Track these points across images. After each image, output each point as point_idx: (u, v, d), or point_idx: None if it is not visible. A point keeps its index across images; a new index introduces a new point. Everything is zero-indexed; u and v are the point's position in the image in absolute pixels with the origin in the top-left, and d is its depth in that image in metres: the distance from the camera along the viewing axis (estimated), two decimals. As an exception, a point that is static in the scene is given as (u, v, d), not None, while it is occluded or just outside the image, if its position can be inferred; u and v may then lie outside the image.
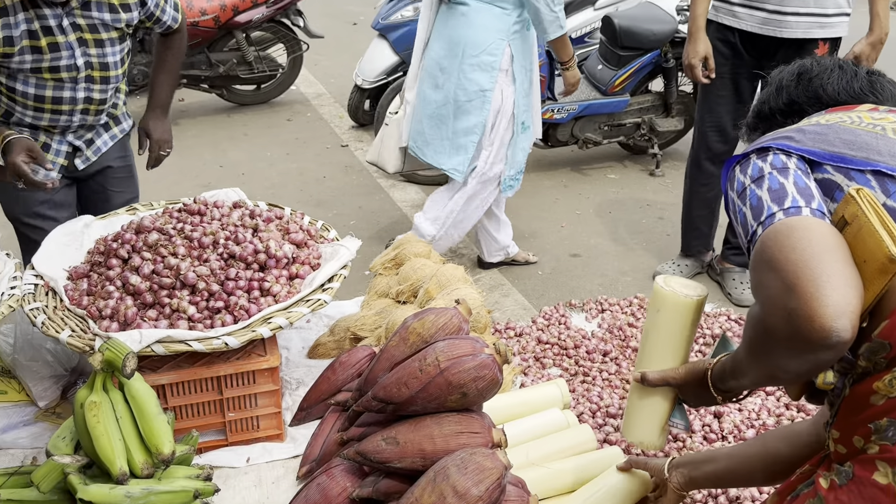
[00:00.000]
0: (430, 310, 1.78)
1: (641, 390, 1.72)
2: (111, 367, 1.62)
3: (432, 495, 1.47)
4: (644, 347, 1.73)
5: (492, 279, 3.92)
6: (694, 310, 1.66)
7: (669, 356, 1.67)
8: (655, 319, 1.70)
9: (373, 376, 1.77)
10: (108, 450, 1.54)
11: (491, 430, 1.63)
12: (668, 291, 1.67)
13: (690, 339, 1.70)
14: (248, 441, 2.02)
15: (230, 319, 1.94)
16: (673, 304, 1.67)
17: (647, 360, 1.71)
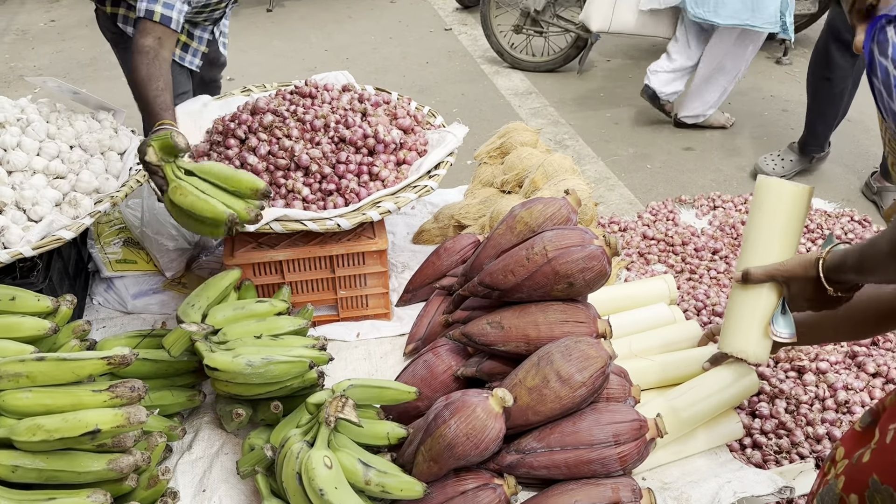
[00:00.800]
0: (538, 199, 1.76)
1: (742, 292, 1.60)
2: (168, 152, 1.69)
3: (536, 378, 1.50)
4: (746, 244, 1.62)
5: (597, 171, 3.82)
6: (800, 198, 1.56)
7: (775, 250, 1.56)
8: (759, 212, 1.60)
9: (479, 263, 1.79)
10: (208, 207, 1.63)
11: (596, 320, 1.63)
12: (772, 180, 1.59)
13: (797, 233, 1.58)
14: (357, 318, 2.12)
15: (341, 202, 1.99)
16: (778, 192, 1.57)
17: (749, 257, 1.60)
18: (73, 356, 1.38)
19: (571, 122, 4.43)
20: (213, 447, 1.75)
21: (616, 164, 3.91)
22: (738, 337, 1.61)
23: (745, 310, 1.60)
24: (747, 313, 1.60)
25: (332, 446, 1.45)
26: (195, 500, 1.62)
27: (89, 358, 1.39)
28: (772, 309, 1.58)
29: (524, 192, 2.27)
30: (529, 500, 1.52)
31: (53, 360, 1.37)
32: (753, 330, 1.59)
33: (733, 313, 1.63)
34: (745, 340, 1.60)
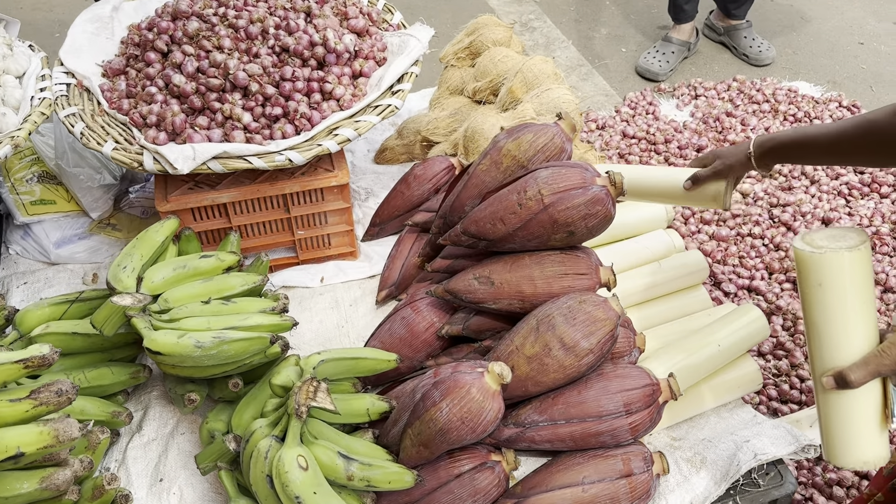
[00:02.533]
0: (527, 127, 1.49)
1: (839, 397, 1.21)
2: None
3: (536, 345, 1.30)
4: (818, 340, 1.22)
5: (569, 58, 3.49)
6: (867, 262, 1.19)
7: (859, 333, 1.19)
8: (820, 298, 1.20)
9: (459, 204, 1.54)
10: None
11: (598, 269, 1.42)
12: (824, 256, 1.18)
13: (873, 300, 1.22)
14: (320, 259, 1.88)
15: (291, 130, 1.69)
16: (839, 268, 1.18)
17: (830, 354, 1.21)
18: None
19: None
20: (166, 426, 1.54)
21: (588, 49, 3.59)
22: (854, 447, 1.22)
23: (853, 416, 1.21)
24: (858, 419, 1.21)
25: (305, 440, 1.25)
26: (151, 493, 1.43)
27: (1, 363, 1.13)
28: (881, 399, 1.21)
29: (501, 104, 1.98)
30: (531, 475, 1.37)
31: (-49, 371, 1.11)
32: (873, 431, 1.21)
33: (837, 422, 1.22)
34: (865, 448, 1.21)
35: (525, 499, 1.32)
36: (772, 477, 1.43)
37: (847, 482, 1.81)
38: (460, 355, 1.53)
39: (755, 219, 2.44)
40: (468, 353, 1.52)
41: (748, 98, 3.04)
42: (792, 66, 3.41)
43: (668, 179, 1.58)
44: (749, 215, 2.46)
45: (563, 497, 1.30)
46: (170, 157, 1.57)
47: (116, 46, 1.95)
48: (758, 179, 2.64)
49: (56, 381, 1.15)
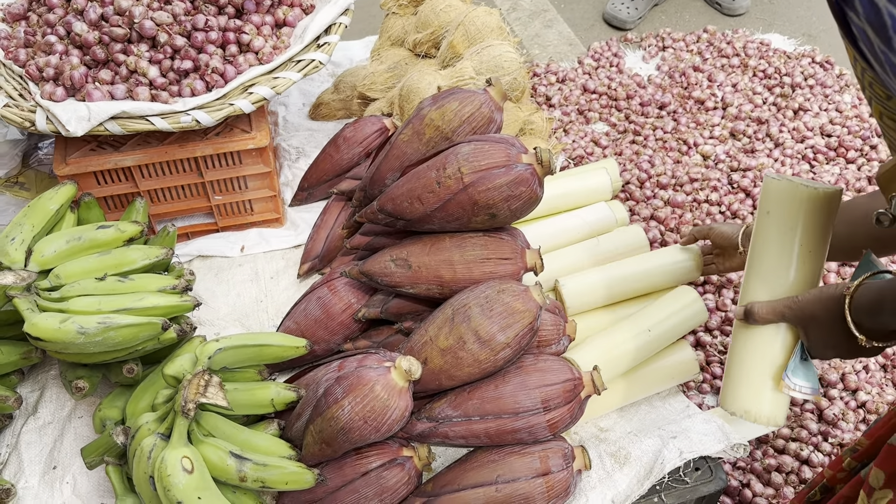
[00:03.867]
0: (452, 94, 1.35)
1: (747, 334, 1.19)
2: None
3: (450, 337, 1.21)
4: (751, 267, 1.21)
5: (533, 3, 3.30)
6: (825, 205, 1.14)
7: (789, 278, 1.15)
8: (766, 226, 1.17)
9: (380, 176, 1.41)
10: None
11: (524, 252, 1.32)
12: (783, 183, 1.15)
13: (821, 254, 1.17)
14: (241, 226, 1.75)
15: (201, 87, 1.54)
16: (790, 199, 1.14)
17: (755, 286, 1.19)
18: None
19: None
20: (63, 409, 1.44)
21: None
22: (743, 393, 1.19)
23: (750, 356, 1.18)
24: (754, 361, 1.18)
25: (194, 438, 1.15)
26: (44, 481, 1.34)
27: None
28: (786, 355, 1.16)
29: (441, 60, 1.83)
30: (444, 472, 1.29)
31: None
32: (764, 383, 1.17)
33: (736, 361, 1.21)
34: (753, 398, 1.18)
35: (436, 497, 1.25)
36: (700, 473, 1.36)
37: (786, 468, 1.76)
38: (380, 338, 1.43)
39: (713, 184, 2.34)
40: (389, 335, 1.42)
41: (717, 51, 2.89)
42: (767, 17, 3.25)
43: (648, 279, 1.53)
44: (707, 180, 2.36)
45: (476, 497, 1.22)
46: (62, 118, 1.42)
47: (16, -14, 1.76)
48: (720, 140, 2.53)
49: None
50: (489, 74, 1.70)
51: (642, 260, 1.55)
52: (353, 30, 2.23)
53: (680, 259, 1.55)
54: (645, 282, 1.53)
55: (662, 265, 1.54)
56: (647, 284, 1.53)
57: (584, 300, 1.50)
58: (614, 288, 1.51)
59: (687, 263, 1.54)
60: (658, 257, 1.55)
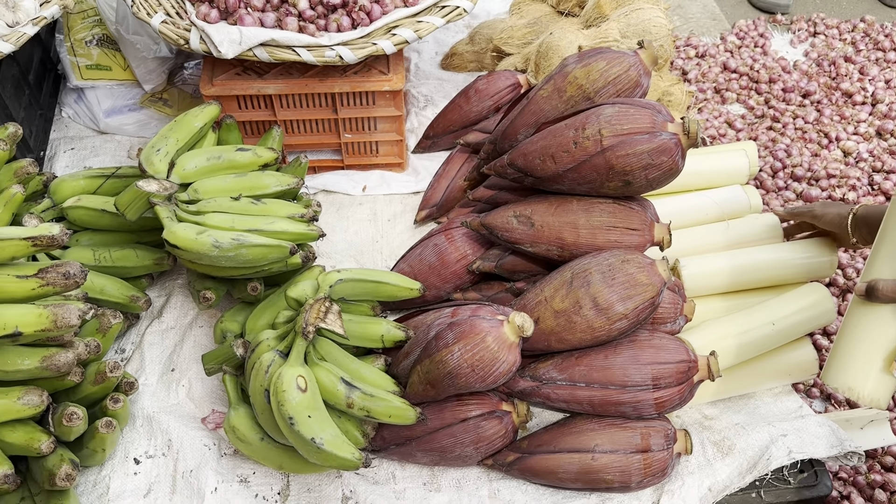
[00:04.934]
0: (601, 53, 1.31)
1: (864, 311, 1.16)
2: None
3: (566, 300, 1.19)
4: (880, 244, 1.17)
5: (678, -28, 3.14)
6: None
7: None
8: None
9: (512, 130, 1.40)
10: None
11: (653, 226, 1.28)
12: None
13: None
14: (365, 167, 1.78)
15: (347, 23, 1.56)
16: None
17: (882, 263, 1.15)
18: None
19: None
20: (186, 316, 1.52)
21: (703, -36, 3.21)
22: (850, 369, 1.17)
23: (865, 334, 1.15)
24: (867, 339, 1.15)
25: (309, 360, 1.20)
26: (162, 380, 1.43)
27: (9, 238, 1.10)
28: None
29: (585, 19, 1.78)
30: (541, 432, 1.29)
31: (-39, 238, 1.09)
32: (873, 363, 1.15)
33: (848, 337, 1.18)
34: (859, 375, 1.16)
35: (530, 455, 1.25)
36: (805, 476, 1.31)
37: (892, 486, 1.67)
38: (490, 293, 1.43)
39: (852, 182, 2.19)
40: (499, 291, 1.42)
41: (874, 43, 2.69)
42: (936, 11, 2.98)
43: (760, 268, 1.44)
44: (846, 177, 2.21)
45: (570, 461, 1.22)
46: (215, 39, 1.47)
47: None
48: (865, 138, 2.36)
49: (66, 262, 1.12)
50: (636, 38, 1.64)
51: (773, 250, 1.47)
52: (493, -18, 2.19)
53: (814, 254, 1.46)
54: (772, 273, 1.46)
55: (794, 258, 1.46)
56: (773, 276, 1.46)
57: (703, 283, 1.45)
58: (738, 276, 1.45)
59: (821, 260, 1.46)
60: (790, 250, 1.48)
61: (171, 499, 1.26)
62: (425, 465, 1.31)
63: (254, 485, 1.28)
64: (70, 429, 1.17)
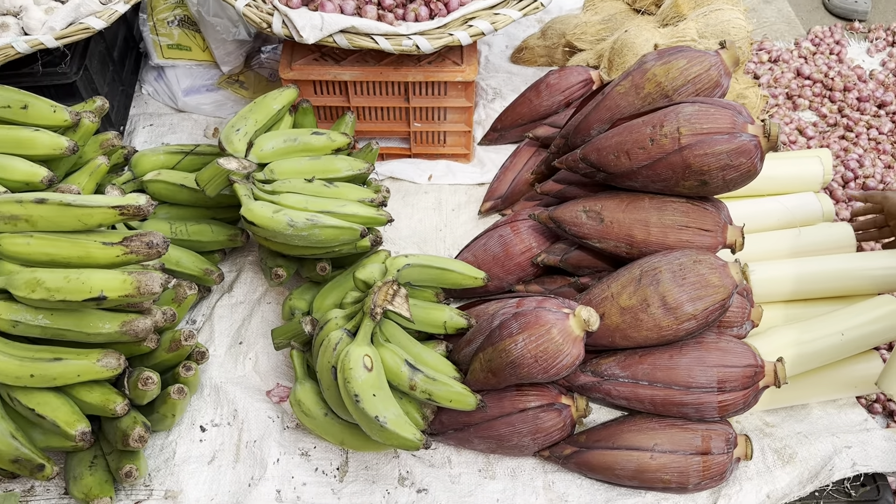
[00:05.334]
0: (681, 51, 1.31)
1: None
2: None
3: (634, 297, 1.19)
4: None
5: (753, -26, 3.08)
6: None
7: None
8: None
9: (586, 125, 1.40)
10: None
11: (726, 228, 1.27)
12: None
13: None
14: (432, 156, 1.80)
15: (425, 13, 1.58)
16: None
17: None
18: (79, 201, 1.15)
19: None
20: (255, 292, 1.57)
21: (779, -32, 3.14)
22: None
23: None
24: None
25: (375, 340, 1.22)
26: (230, 353, 1.47)
27: (98, 205, 1.15)
28: None
29: (661, 18, 1.76)
30: (599, 428, 1.29)
31: (56, 204, 1.14)
32: None
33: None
34: None
35: (588, 450, 1.26)
36: (867, 490, 1.28)
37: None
38: (553, 286, 1.44)
39: (928, 197, 2.12)
40: (562, 285, 1.43)
41: (958, 55, 2.59)
42: None
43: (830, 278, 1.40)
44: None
45: (629, 459, 1.22)
46: (297, 23, 1.51)
47: None
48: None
49: (149, 232, 1.16)
50: (713, 39, 1.62)
51: (844, 260, 1.44)
52: (567, -22, 2.19)
53: (886, 266, 1.43)
54: (843, 283, 1.43)
55: (865, 269, 1.43)
56: (843, 287, 1.43)
57: (771, 289, 1.43)
58: (807, 284, 1.43)
59: (894, 272, 1.42)
60: (862, 260, 1.44)
61: (235, 467, 1.31)
62: (481, 452, 1.33)
63: (314, 459, 1.32)
64: (144, 392, 1.22)
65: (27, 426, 1.22)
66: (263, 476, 1.28)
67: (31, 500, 1.29)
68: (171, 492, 1.28)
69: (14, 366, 1.15)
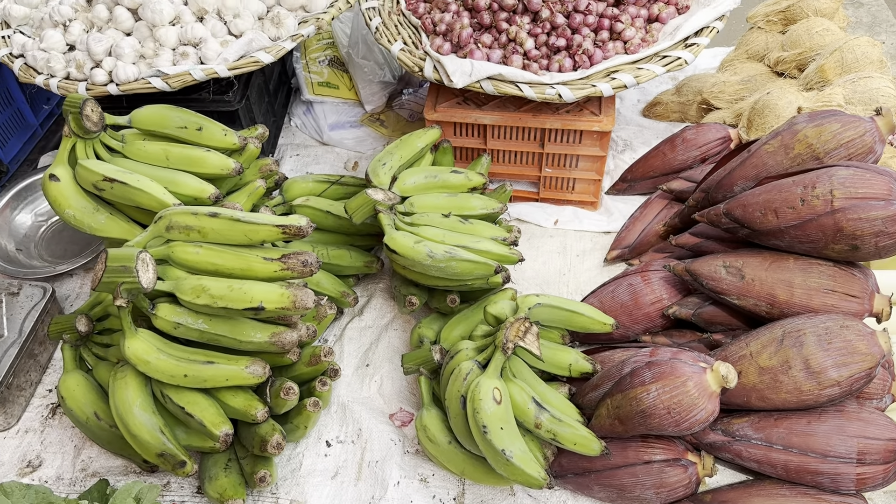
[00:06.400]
0: (834, 115, 1.30)
1: None
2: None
3: (774, 358, 1.17)
4: None
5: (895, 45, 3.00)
6: None
7: None
8: None
9: (729, 181, 1.40)
10: None
11: (873, 296, 1.23)
12: None
13: None
14: (559, 201, 1.84)
15: (569, 64, 1.63)
16: None
17: None
18: (247, 218, 1.25)
19: (874, -31, 3.48)
20: (384, 318, 1.63)
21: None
22: None
23: None
24: None
25: (504, 375, 1.25)
26: (357, 374, 1.53)
27: (264, 223, 1.25)
28: None
29: (805, 82, 1.75)
30: (726, 489, 1.26)
31: (227, 219, 1.25)
32: None
33: None
34: None
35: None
36: None
37: None
38: (682, 340, 1.43)
39: None
40: (691, 340, 1.42)
41: None
42: None
43: None
44: None
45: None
46: (448, 69, 1.59)
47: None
48: None
49: (305, 252, 1.24)
50: (861, 105, 1.60)
51: None
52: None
53: None
54: None
55: None
56: None
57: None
58: None
59: None
60: None
61: (356, 484, 1.35)
62: (599, 501, 1.32)
63: (432, 486, 1.35)
64: (284, 402, 1.29)
65: (174, 423, 1.31)
66: (384, 497, 1.32)
67: (167, 495, 1.37)
68: (296, 501, 1.33)
69: (171, 365, 1.24)
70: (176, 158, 1.48)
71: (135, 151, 1.49)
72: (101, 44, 1.66)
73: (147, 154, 1.48)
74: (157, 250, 1.26)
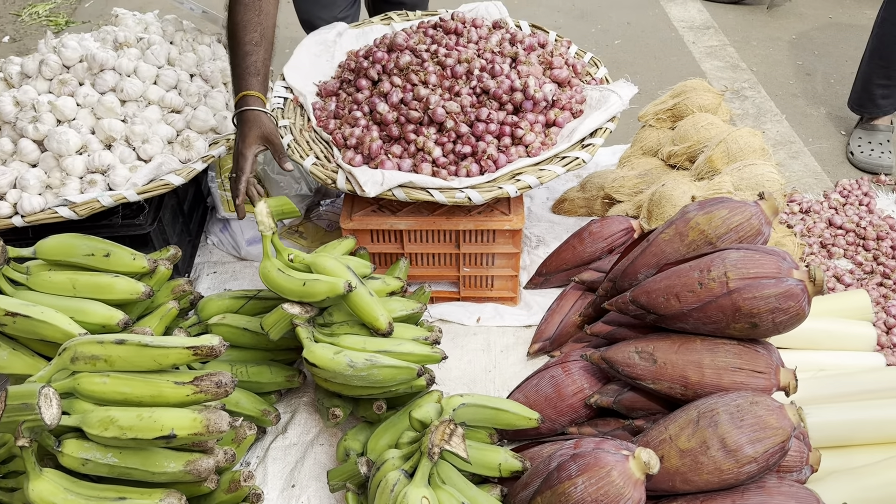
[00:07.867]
0: (722, 202, 1.39)
1: None
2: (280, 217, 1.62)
3: (692, 440, 1.19)
4: None
5: (779, 133, 3.25)
6: None
7: None
8: None
9: (633, 270, 1.46)
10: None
11: (778, 370, 1.28)
12: None
13: None
14: (480, 299, 1.87)
15: (476, 169, 1.70)
16: None
17: None
18: (156, 342, 1.22)
19: (754, 67, 3.81)
20: (309, 434, 1.59)
21: (803, 126, 3.32)
22: None
23: None
24: None
25: (433, 482, 1.23)
26: (283, 496, 1.47)
27: (173, 346, 1.22)
28: None
29: (696, 172, 1.87)
30: (662, 579, 1.24)
31: (134, 345, 1.21)
32: None
33: None
34: None
35: None
36: None
37: None
38: (606, 429, 1.44)
39: (979, 343, 2.10)
40: (615, 428, 1.43)
41: None
42: None
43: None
44: (971, 338, 2.13)
45: None
46: (361, 180, 1.64)
47: (334, 69, 2.08)
48: None
49: (218, 372, 1.21)
50: (748, 191, 1.71)
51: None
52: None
53: None
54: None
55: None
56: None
57: (826, 434, 1.41)
58: (865, 430, 1.41)
59: None
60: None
61: None
62: None
63: None
64: (203, 534, 1.22)
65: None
66: None
67: None
68: None
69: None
70: (83, 286, 1.45)
71: (40, 283, 1.45)
72: (4, 177, 1.64)
73: (53, 284, 1.44)
74: (62, 384, 1.21)
